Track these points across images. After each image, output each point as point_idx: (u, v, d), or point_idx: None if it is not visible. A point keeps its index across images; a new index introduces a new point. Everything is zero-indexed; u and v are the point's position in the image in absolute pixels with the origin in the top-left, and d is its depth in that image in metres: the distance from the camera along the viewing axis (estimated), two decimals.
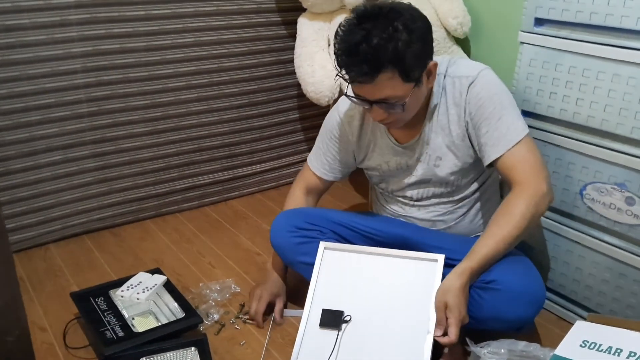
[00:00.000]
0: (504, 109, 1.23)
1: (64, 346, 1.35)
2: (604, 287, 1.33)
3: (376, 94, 1.18)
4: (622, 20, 1.18)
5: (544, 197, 1.17)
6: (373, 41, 1.12)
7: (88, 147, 1.78)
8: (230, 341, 1.37)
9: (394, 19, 1.14)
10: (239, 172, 2.10)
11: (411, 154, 1.34)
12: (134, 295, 1.40)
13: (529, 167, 1.20)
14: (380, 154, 1.39)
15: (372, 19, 1.15)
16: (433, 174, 1.34)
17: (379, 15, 1.16)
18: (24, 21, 1.57)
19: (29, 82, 1.62)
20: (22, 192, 1.70)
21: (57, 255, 1.74)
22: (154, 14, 1.75)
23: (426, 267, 1.23)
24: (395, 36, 1.13)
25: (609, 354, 0.98)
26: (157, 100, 1.84)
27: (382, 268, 1.27)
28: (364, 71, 1.14)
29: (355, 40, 1.14)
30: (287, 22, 2.00)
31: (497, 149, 1.22)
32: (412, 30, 1.15)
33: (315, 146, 1.50)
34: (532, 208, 1.16)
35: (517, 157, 1.21)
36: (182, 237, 1.86)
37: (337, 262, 1.29)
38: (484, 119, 1.23)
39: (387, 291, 1.24)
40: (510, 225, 1.16)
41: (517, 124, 1.23)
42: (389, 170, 1.39)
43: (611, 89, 1.22)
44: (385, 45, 1.12)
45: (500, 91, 1.25)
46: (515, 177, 1.20)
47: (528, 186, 1.18)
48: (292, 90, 2.10)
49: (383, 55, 1.13)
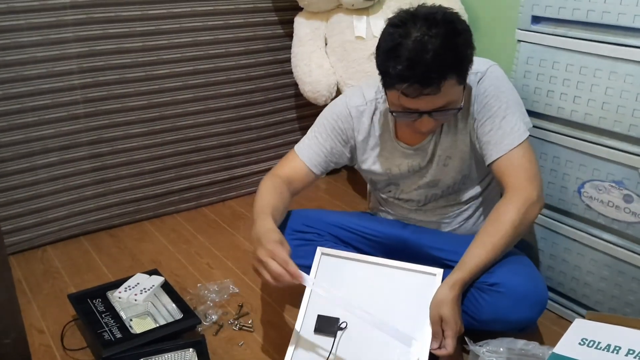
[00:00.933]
0: (509, 108, 1.22)
1: (61, 348, 1.34)
2: (603, 285, 1.33)
3: (437, 103, 1.13)
4: (619, 17, 1.18)
5: (534, 205, 1.17)
6: (434, 48, 1.06)
7: (85, 148, 1.77)
8: (229, 342, 1.37)
9: (442, 21, 1.09)
10: (237, 172, 2.09)
11: (423, 154, 1.31)
12: (132, 297, 1.40)
13: (524, 172, 1.19)
14: (387, 158, 1.35)
15: (418, 25, 1.08)
16: (442, 174, 1.33)
17: (424, 19, 1.09)
18: (20, 22, 1.56)
19: (24, 84, 1.61)
20: (18, 193, 1.70)
21: (54, 257, 1.74)
22: (150, 14, 1.74)
23: (424, 280, 1.21)
24: (452, 40, 1.08)
25: (608, 352, 0.98)
26: (154, 101, 1.84)
27: (380, 278, 1.25)
28: (431, 81, 1.07)
29: (415, 50, 1.06)
30: (284, 22, 1.99)
31: (498, 149, 1.22)
32: (461, 31, 1.11)
33: (309, 136, 1.37)
34: (522, 216, 1.16)
35: (514, 161, 1.20)
36: (180, 237, 1.85)
37: (334, 269, 1.27)
38: (488, 117, 1.23)
39: (384, 301, 1.22)
40: (500, 234, 1.15)
41: (520, 125, 1.22)
42: (400, 174, 1.36)
43: (608, 86, 1.22)
44: (447, 50, 1.07)
45: (507, 89, 1.24)
46: (509, 182, 1.20)
47: (520, 193, 1.17)
48: (289, 90, 2.10)
49: (447, 60, 1.07)
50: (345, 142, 1.37)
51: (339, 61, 1.85)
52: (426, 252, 1.34)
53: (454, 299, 1.12)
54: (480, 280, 1.19)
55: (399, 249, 1.37)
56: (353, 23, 1.80)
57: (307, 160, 1.35)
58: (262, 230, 1.15)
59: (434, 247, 1.33)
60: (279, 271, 1.08)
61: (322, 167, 1.37)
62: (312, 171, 1.35)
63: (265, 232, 1.14)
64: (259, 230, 1.16)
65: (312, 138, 1.37)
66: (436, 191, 1.35)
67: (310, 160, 1.35)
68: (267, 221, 1.18)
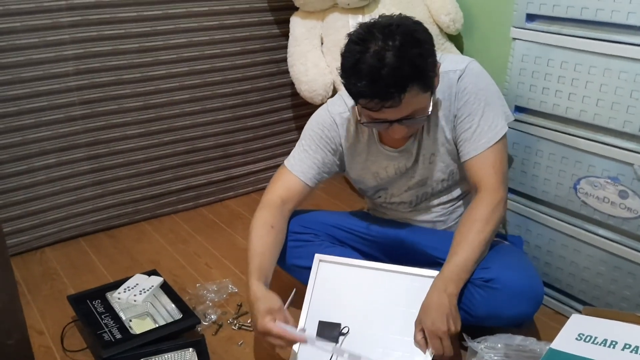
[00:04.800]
0: (487, 105, 1.24)
1: (61, 349, 1.35)
2: (599, 280, 1.34)
3: (402, 113, 1.14)
4: (612, 14, 1.18)
5: (502, 202, 1.23)
6: (391, 62, 1.07)
7: (82, 149, 1.77)
8: (229, 341, 1.37)
9: (399, 33, 1.10)
10: (234, 172, 2.10)
11: (408, 155, 1.32)
12: (131, 297, 1.40)
13: (494, 172, 1.23)
14: (374, 162, 1.35)
15: (375, 40, 1.10)
16: (430, 171, 1.33)
17: (381, 33, 1.10)
18: (16, 24, 1.56)
19: (21, 86, 1.61)
20: (16, 195, 1.70)
21: (53, 259, 1.74)
22: (146, 15, 1.74)
23: (422, 283, 1.21)
24: (409, 52, 1.09)
25: (605, 347, 0.99)
26: (151, 102, 1.84)
27: (378, 283, 1.26)
28: (391, 95, 1.09)
29: (375, 66, 1.08)
30: (280, 21, 1.99)
31: (475, 147, 1.24)
32: (420, 40, 1.12)
33: (298, 150, 1.36)
34: (494, 212, 1.20)
35: (488, 160, 1.24)
36: (178, 238, 1.86)
37: (332, 275, 1.28)
38: (467, 115, 1.24)
39: (383, 306, 1.23)
40: (474, 232, 1.19)
41: (498, 121, 1.24)
42: (388, 177, 1.36)
43: (603, 83, 1.23)
44: (404, 63, 1.08)
45: (486, 85, 1.25)
46: (481, 181, 1.23)
47: (491, 193, 1.22)
48: (285, 90, 2.10)
49: (405, 73, 1.08)
50: (335, 151, 1.36)
51: (335, 60, 1.84)
52: (423, 251, 1.35)
53: (440, 302, 1.13)
54: (476, 276, 1.20)
55: (396, 249, 1.37)
56: (349, 22, 1.80)
57: (301, 175, 1.33)
58: (252, 299, 1.16)
59: (430, 246, 1.34)
60: (279, 343, 1.13)
61: (316, 179, 1.35)
62: (307, 185, 1.34)
63: (254, 301, 1.15)
64: (250, 298, 1.17)
65: (302, 152, 1.35)
66: (426, 189, 1.36)
67: (304, 174, 1.33)
68: (255, 285, 1.17)
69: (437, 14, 1.78)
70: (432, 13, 1.80)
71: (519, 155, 1.43)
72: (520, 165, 1.43)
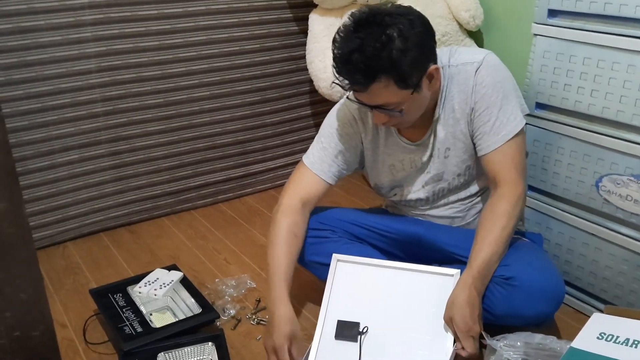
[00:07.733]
0: (505, 98, 1.23)
1: (84, 342, 1.37)
2: (621, 279, 1.32)
3: (373, 101, 1.18)
4: (636, 10, 1.17)
5: (522, 197, 1.23)
6: (366, 51, 1.11)
7: (103, 146, 1.80)
8: (247, 336, 1.38)
9: (389, 25, 1.12)
10: (252, 168, 2.11)
11: (424, 149, 1.32)
12: (152, 292, 1.42)
13: (514, 166, 1.22)
14: (390, 155, 1.36)
15: (367, 26, 1.13)
16: (445, 166, 1.32)
17: (374, 22, 1.13)
18: (39, 22, 1.58)
19: (44, 83, 1.64)
20: (39, 191, 1.73)
21: (75, 253, 1.77)
22: (166, 13, 1.76)
23: (442, 281, 1.21)
24: (389, 45, 1.11)
25: (626, 346, 0.97)
26: (170, 99, 1.86)
27: (397, 282, 1.26)
28: (357, 80, 1.14)
29: (350, 48, 1.12)
30: (299, 19, 2.00)
31: (495, 141, 1.23)
32: (408, 37, 1.12)
33: (317, 147, 1.35)
34: (515, 208, 1.20)
35: (507, 154, 1.22)
36: (197, 233, 1.88)
37: (350, 275, 1.28)
38: (485, 108, 1.23)
39: (403, 305, 1.23)
40: (498, 227, 1.18)
41: (517, 113, 1.23)
42: (403, 170, 1.36)
43: (626, 79, 1.21)
44: (379, 55, 1.10)
45: (504, 78, 1.24)
46: (500, 175, 1.22)
47: (511, 187, 1.21)
48: (304, 87, 2.11)
49: (376, 64, 1.11)
50: (355, 147, 1.37)
51: None
52: (441, 248, 1.34)
53: (465, 299, 1.13)
54: (497, 274, 1.19)
55: (413, 246, 1.37)
56: None
57: (321, 173, 1.34)
58: (276, 317, 1.19)
59: (449, 243, 1.33)
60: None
61: (336, 177, 1.36)
62: (328, 182, 1.35)
63: (279, 322, 1.18)
64: (273, 315, 1.20)
65: (321, 150, 1.35)
66: (443, 185, 1.35)
67: (324, 173, 1.34)
68: (283, 305, 1.20)
69: (457, 10, 1.77)
70: (452, 9, 1.79)
71: (540, 153, 1.42)
72: (541, 162, 1.42)
